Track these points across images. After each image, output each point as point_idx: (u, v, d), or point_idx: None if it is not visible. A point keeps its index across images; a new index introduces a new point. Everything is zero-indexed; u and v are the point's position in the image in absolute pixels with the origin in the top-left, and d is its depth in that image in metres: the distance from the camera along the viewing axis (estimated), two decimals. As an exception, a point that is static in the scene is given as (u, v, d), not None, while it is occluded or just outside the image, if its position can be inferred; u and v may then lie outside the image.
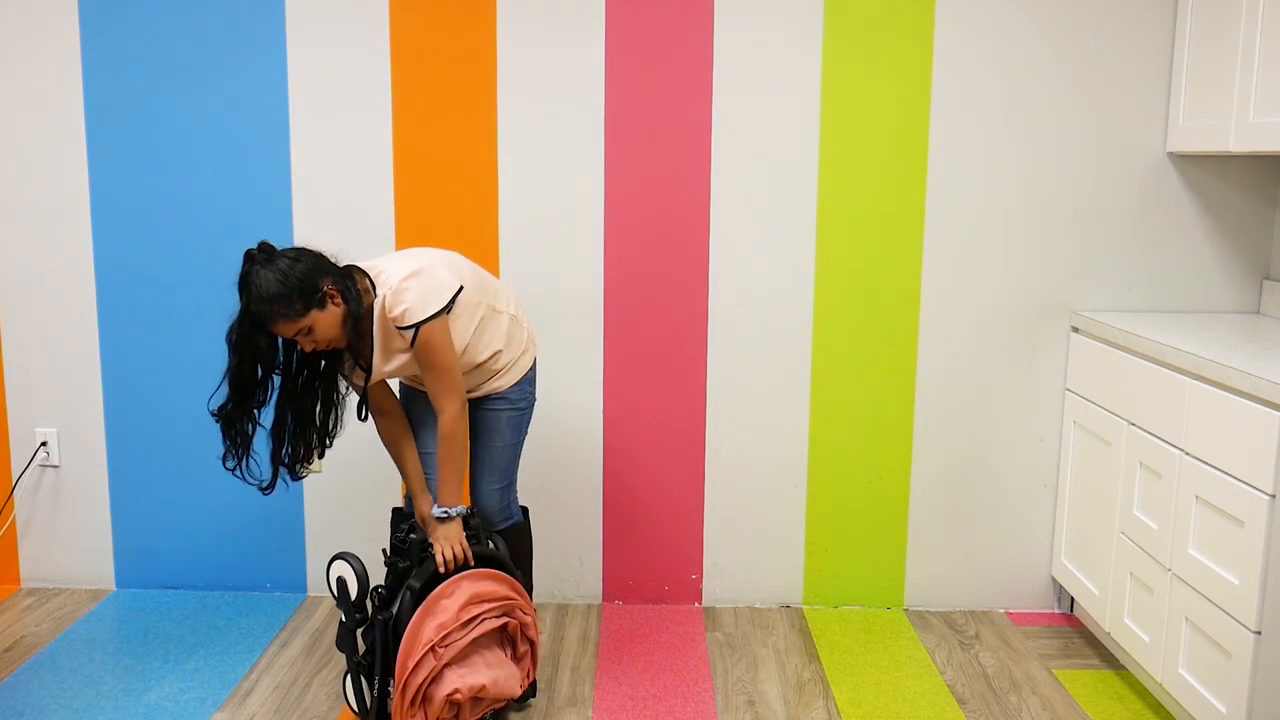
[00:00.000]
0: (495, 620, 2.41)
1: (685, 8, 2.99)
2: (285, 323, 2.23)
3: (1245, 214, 3.04)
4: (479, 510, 2.60)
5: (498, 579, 2.44)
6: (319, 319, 2.25)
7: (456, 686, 2.32)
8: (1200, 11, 2.85)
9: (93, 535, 3.27)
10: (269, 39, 3.03)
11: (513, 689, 2.42)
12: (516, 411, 2.59)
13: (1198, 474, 2.38)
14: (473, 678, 2.35)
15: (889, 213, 3.06)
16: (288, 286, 2.20)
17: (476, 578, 2.41)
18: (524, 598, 2.49)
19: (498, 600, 2.42)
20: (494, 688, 2.38)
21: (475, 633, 2.36)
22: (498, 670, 2.40)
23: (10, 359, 3.21)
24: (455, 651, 2.33)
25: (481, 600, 2.39)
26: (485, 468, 2.59)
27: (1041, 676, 2.82)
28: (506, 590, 2.45)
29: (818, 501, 3.19)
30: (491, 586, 2.42)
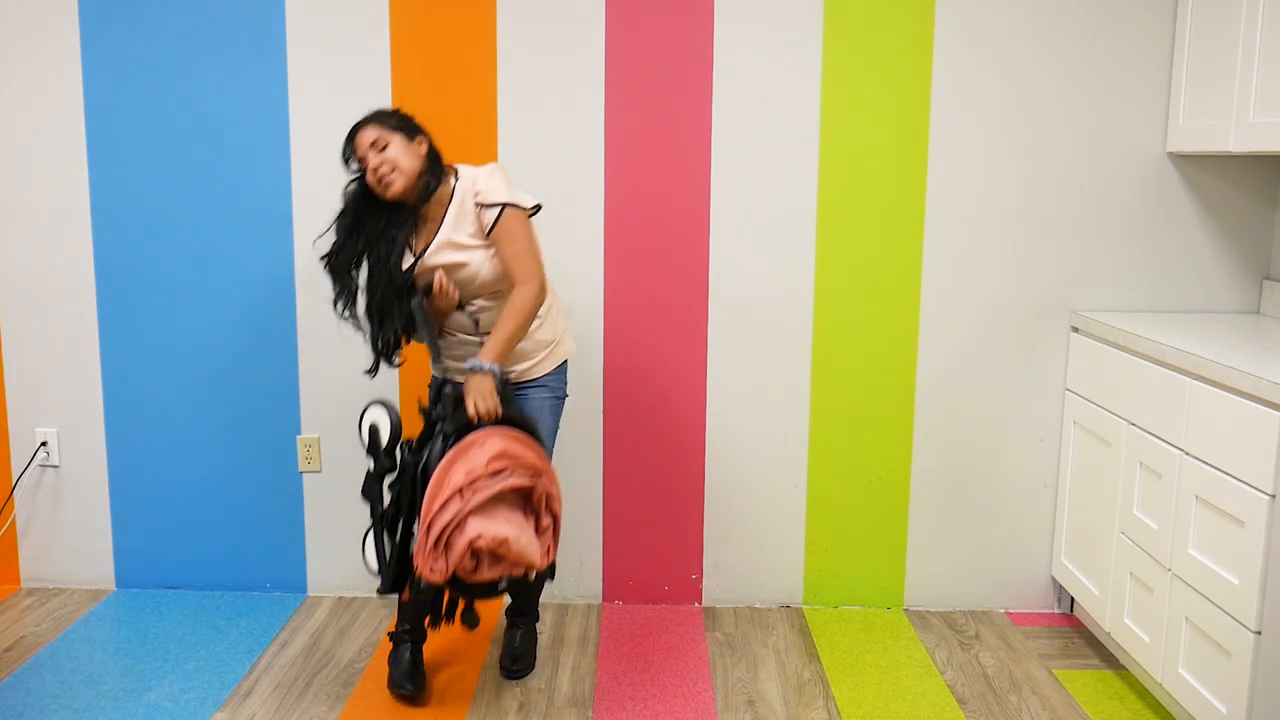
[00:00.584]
0: (522, 480, 2.35)
1: (685, 8, 2.99)
2: (374, 126, 2.45)
3: (1245, 214, 3.04)
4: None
5: (526, 443, 2.40)
6: (402, 144, 2.45)
7: (480, 532, 2.26)
8: (1200, 11, 2.85)
9: (93, 535, 3.27)
10: (269, 39, 3.03)
11: (533, 556, 2.34)
12: (556, 399, 2.67)
13: (1198, 474, 2.38)
14: (496, 529, 2.29)
15: (889, 212, 3.06)
16: (392, 110, 2.51)
17: (508, 435, 2.38)
18: (550, 471, 2.44)
19: (526, 464, 2.37)
20: (515, 545, 2.30)
21: (502, 485, 2.31)
22: (521, 532, 2.33)
23: (10, 359, 3.21)
24: (481, 500, 2.29)
25: (510, 457, 2.35)
26: None
27: (1041, 676, 2.82)
28: (534, 458, 2.39)
29: (818, 501, 3.20)
30: (521, 449, 2.38)
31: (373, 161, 2.44)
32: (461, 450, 2.33)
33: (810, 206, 3.06)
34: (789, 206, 3.06)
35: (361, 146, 2.46)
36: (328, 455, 3.20)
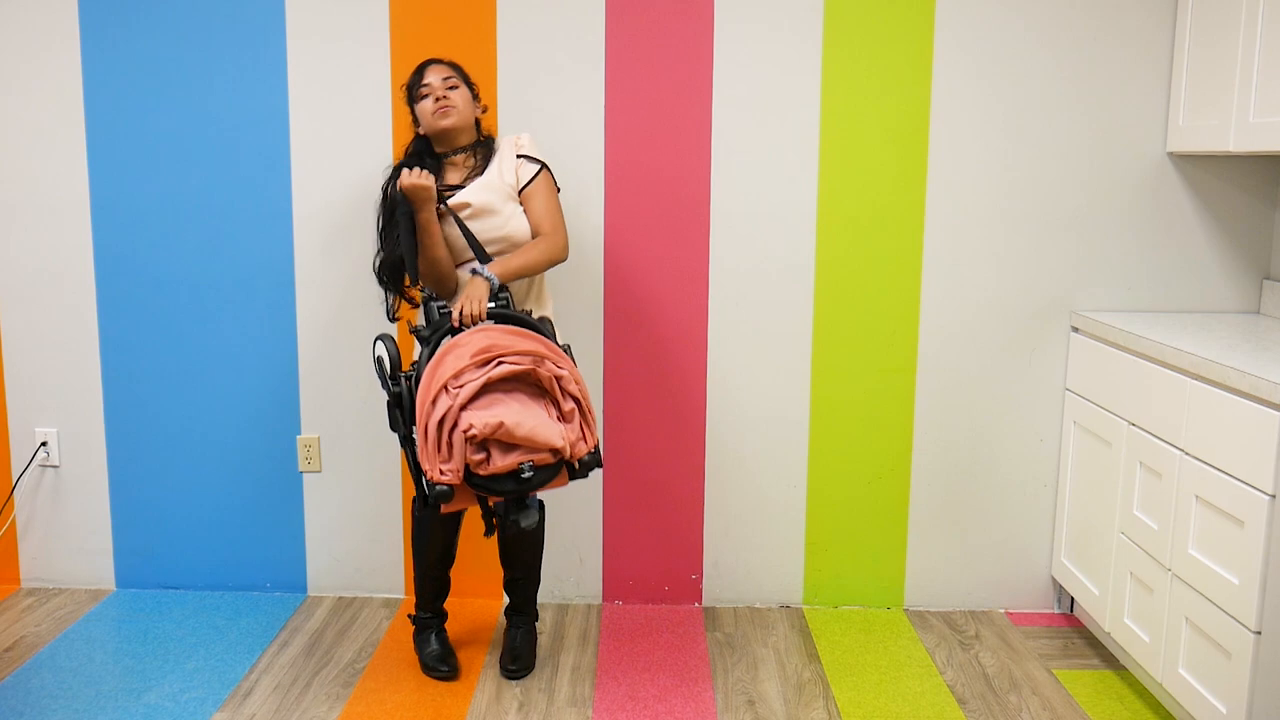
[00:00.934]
0: (515, 366, 2.31)
1: (685, 9, 2.99)
2: (450, 67, 2.65)
3: (1245, 214, 3.04)
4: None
5: (521, 334, 2.38)
6: (467, 95, 2.65)
7: (471, 423, 2.26)
8: (1200, 12, 2.85)
9: (93, 535, 3.27)
10: (269, 39, 3.03)
11: (549, 436, 2.30)
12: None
13: (1198, 474, 2.38)
14: (489, 415, 2.27)
15: (889, 213, 3.06)
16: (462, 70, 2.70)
17: (495, 330, 2.38)
18: (557, 354, 2.39)
19: (519, 351, 2.34)
20: (517, 429, 2.26)
21: (491, 374, 2.29)
22: (526, 416, 2.29)
23: (10, 359, 3.21)
24: (470, 392, 2.28)
25: (499, 348, 2.34)
26: None
27: (1041, 676, 2.82)
28: (530, 345, 2.36)
29: (818, 501, 3.20)
30: (512, 340, 2.36)
31: (439, 90, 2.61)
32: (446, 351, 2.35)
33: (810, 206, 3.06)
34: (789, 206, 3.06)
35: (434, 76, 2.62)
36: (328, 455, 3.20)
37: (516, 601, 2.88)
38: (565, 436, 2.34)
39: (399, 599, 3.25)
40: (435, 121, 2.61)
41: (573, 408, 2.37)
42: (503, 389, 2.33)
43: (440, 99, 2.60)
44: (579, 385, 2.39)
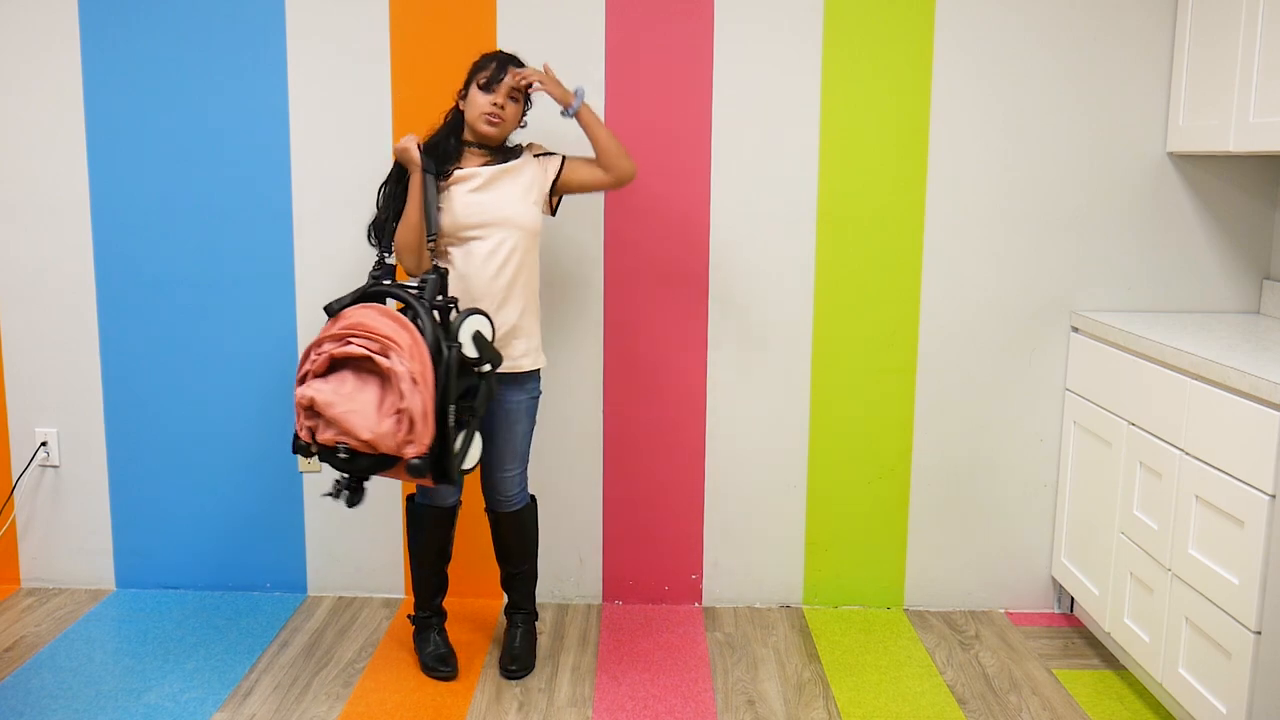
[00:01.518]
0: (359, 349, 2.32)
1: (685, 9, 2.99)
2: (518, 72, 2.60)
3: (1245, 214, 3.04)
4: (499, 492, 2.72)
5: (396, 320, 2.35)
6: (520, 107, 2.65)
7: (303, 391, 2.35)
8: (1200, 12, 2.85)
9: (93, 535, 3.27)
10: (269, 39, 3.02)
11: (354, 426, 2.29)
12: (532, 400, 2.76)
13: (1198, 474, 2.38)
14: (311, 389, 2.33)
15: (889, 213, 3.06)
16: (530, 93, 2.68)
17: (374, 310, 2.39)
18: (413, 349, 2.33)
19: (376, 334, 2.33)
20: (327, 408, 2.30)
21: (339, 350, 2.33)
22: (344, 399, 2.31)
23: (10, 359, 3.21)
24: (321, 363, 2.35)
25: (364, 328, 2.34)
26: (508, 456, 2.72)
27: (1041, 676, 2.82)
28: (391, 329, 2.33)
29: (818, 501, 3.20)
30: (379, 322, 2.34)
31: (501, 97, 2.59)
32: (335, 319, 2.41)
33: (810, 206, 3.06)
34: (789, 206, 3.06)
35: (508, 82, 2.59)
36: (328, 455, 3.20)
37: (514, 598, 2.89)
38: (377, 430, 2.30)
39: (399, 599, 3.25)
40: (478, 123, 2.59)
41: (405, 411, 2.32)
42: (355, 368, 2.36)
43: (497, 106, 2.58)
44: (416, 387, 2.31)
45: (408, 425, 2.31)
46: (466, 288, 2.57)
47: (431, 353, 2.35)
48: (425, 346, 2.34)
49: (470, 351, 2.41)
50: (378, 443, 2.31)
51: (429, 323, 2.39)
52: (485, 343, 2.45)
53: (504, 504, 2.76)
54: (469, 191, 2.58)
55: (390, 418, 2.31)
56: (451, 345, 2.38)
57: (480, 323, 2.45)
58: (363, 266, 3.09)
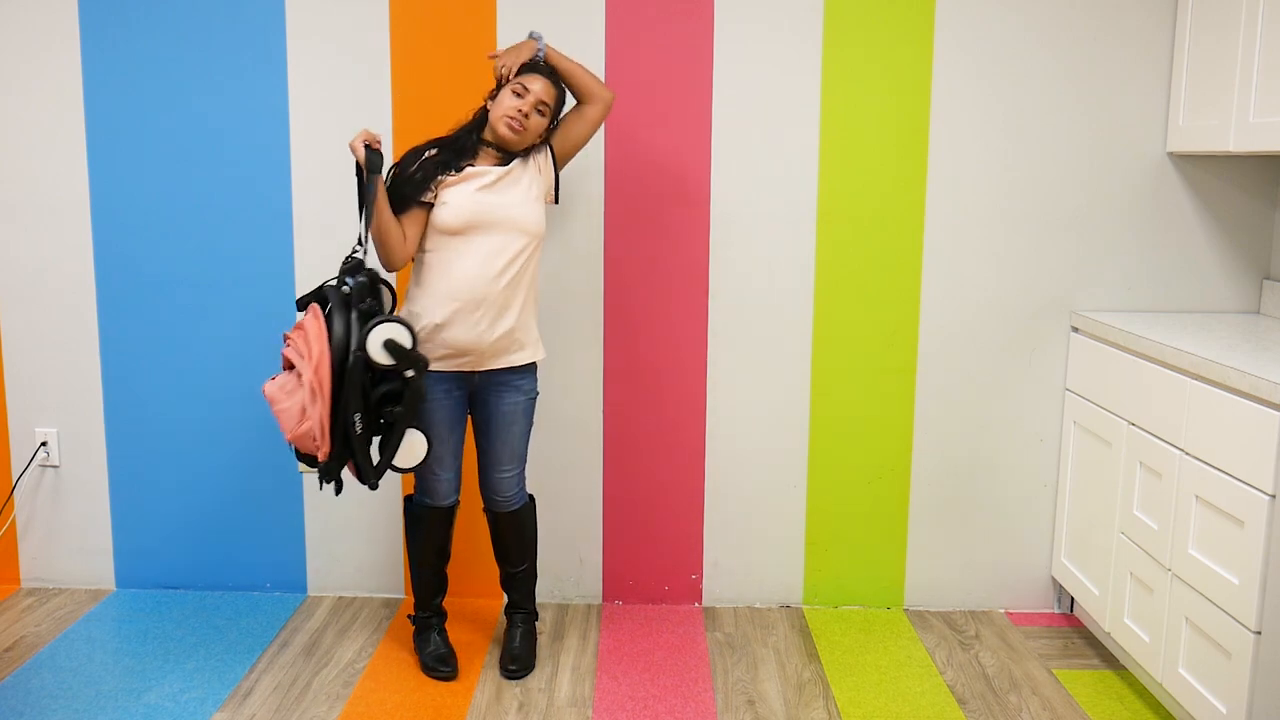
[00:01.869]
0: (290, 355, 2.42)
1: (685, 9, 2.99)
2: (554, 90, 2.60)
3: (1245, 214, 3.04)
4: (497, 492, 2.73)
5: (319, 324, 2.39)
6: (545, 121, 2.62)
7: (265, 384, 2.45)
8: (1200, 12, 2.85)
9: (93, 535, 3.27)
10: (269, 39, 3.02)
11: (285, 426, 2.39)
12: (529, 400, 2.74)
13: (1198, 474, 2.38)
14: (271, 383, 2.43)
15: (889, 212, 3.06)
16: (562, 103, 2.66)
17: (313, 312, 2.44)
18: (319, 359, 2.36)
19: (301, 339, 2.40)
20: (272, 404, 2.41)
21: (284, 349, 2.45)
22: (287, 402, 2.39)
23: (10, 359, 3.21)
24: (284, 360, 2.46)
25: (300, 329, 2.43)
26: (505, 456, 2.73)
27: (1041, 676, 2.82)
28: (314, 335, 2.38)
29: (818, 501, 3.20)
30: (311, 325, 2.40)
31: (529, 106, 2.56)
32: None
33: (810, 206, 3.06)
34: (789, 206, 3.06)
35: (535, 91, 2.57)
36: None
37: (514, 598, 2.89)
38: (297, 431, 2.38)
39: (399, 599, 3.25)
40: (499, 124, 2.58)
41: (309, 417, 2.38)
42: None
43: (523, 114, 2.56)
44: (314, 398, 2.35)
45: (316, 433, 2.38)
46: (469, 289, 2.55)
47: (338, 360, 2.37)
48: (328, 356, 2.36)
49: (381, 359, 2.39)
50: (298, 444, 2.42)
51: (341, 330, 2.39)
52: (401, 350, 2.41)
53: (502, 504, 2.77)
54: (477, 189, 2.57)
55: (308, 422, 2.39)
56: (354, 355, 2.37)
57: (393, 330, 2.41)
58: (363, 266, 3.10)
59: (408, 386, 2.44)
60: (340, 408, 2.37)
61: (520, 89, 2.57)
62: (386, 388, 2.43)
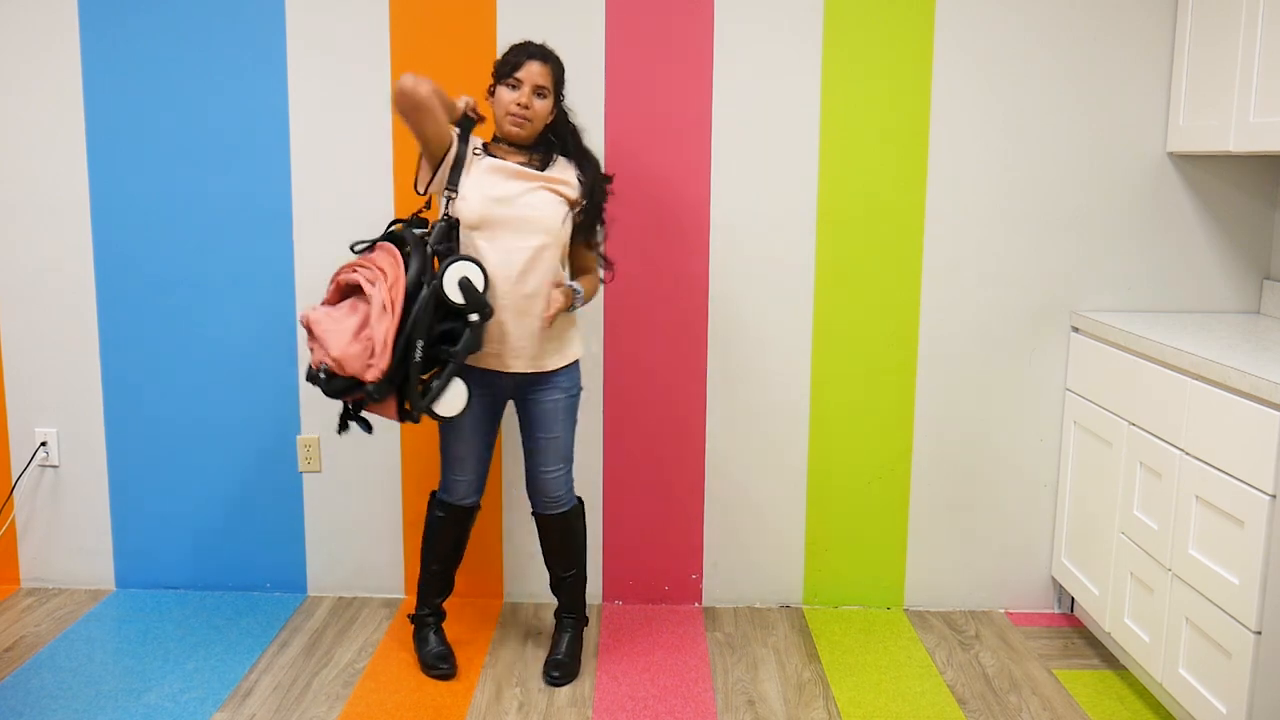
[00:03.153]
0: (356, 276, 2.45)
1: (685, 8, 2.99)
2: (550, 72, 2.57)
3: (1245, 214, 3.04)
4: (544, 494, 2.72)
5: (393, 256, 2.44)
6: (551, 104, 2.59)
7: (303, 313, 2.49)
8: (1200, 12, 2.85)
9: (93, 535, 3.27)
10: (268, 39, 3.02)
11: (329, 345, 2.38)
12: (570, 399, 2.71)
13: (1198, 474, 2.38)
14: (311, 310, 2.47)
15: (889, 213, 3.06)
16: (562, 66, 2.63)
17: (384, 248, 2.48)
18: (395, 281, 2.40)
19: (374, 266, 2.44)
20: (315, 325, 2.42)
21: (344, 276, 2.49)
22: (334, 324, 2.42)
23: (10, 359, 3.21)
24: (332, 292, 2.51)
25: (368, 260, 2.47)
26: (550, 455, 2.71)
27: (1041, 676, 2.82)
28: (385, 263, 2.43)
29: (818, 501, 3.20)
30: (382, 258, 2.45)
31: (526, 95, 2.54)
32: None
33: (810, 206, 3.06)
34: (789, 206, 3.06)
35: (530, 76, 2.54)
36: (328, 455, 3.20)
37: (563, 601, 2.86)
38: (346, 350, 2.37)
39: (399, 599, 3.25)
40: (505, 124, 2.56)
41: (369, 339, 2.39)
42: (358, 297, 2.48)
43: (521, 106, 2.53)
44: (384, 314, 2.37)
45: (371, 349, 2.37)
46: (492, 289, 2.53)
47: (411, 289, 2.40)
48: (404, 280, 2.40)
49: (454, 295, 2.42)
50: (344, 362, 2.38)
51: (416, 259, 2.43)
52: (473, 290, 2.44)
53: (550, 505, 2.74)
54: (506, 179, 2.54)
55: (362, 341, 2.39)
56: (430, 283, 2.41)
57: (469, 269, 2.44)
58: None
59: (469, 328, 2.45)
60: (404, 333, 2.39)
61: (514, 81, 2.55)
62: (448, 326, 2.45)
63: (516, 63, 2.55)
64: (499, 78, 2.58)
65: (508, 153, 2.62)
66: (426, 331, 2.41)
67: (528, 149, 2.62)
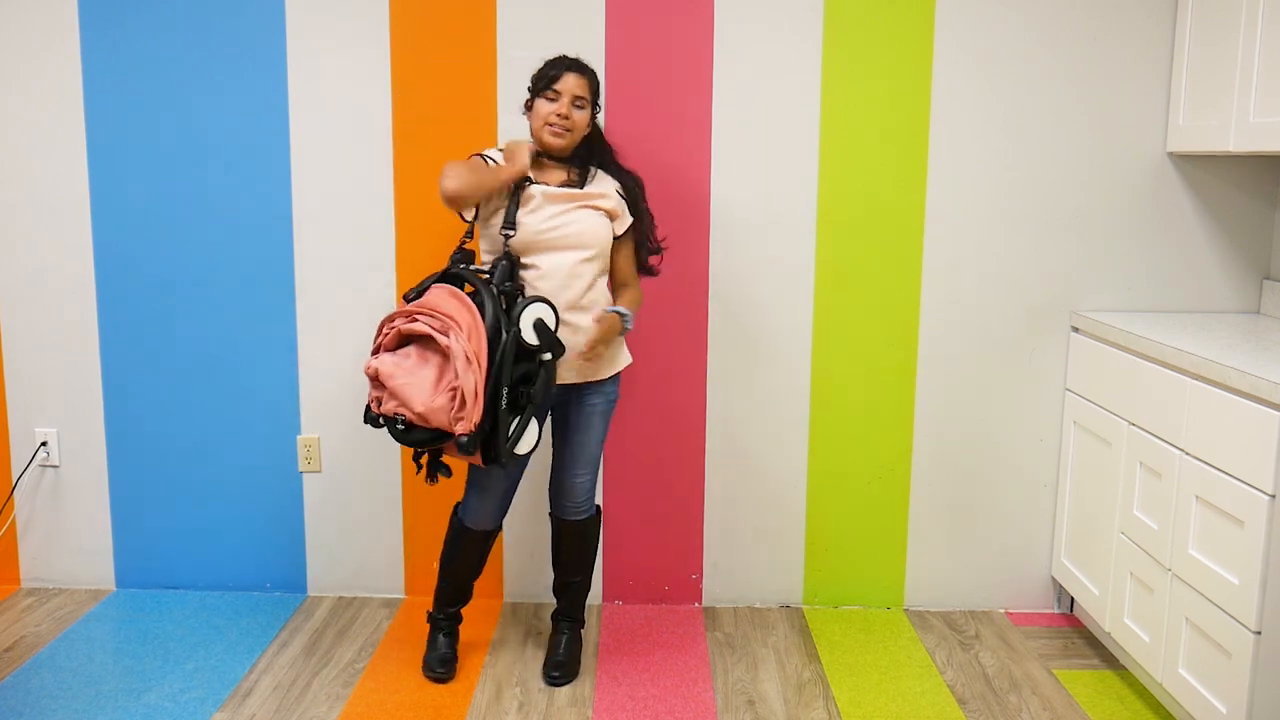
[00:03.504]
0: (424, 327, 2.40)
1: (685, 8, 2.99)
2: (587, 82, 2.57)
3: (1245, 214, 3.04)
4: (569, 498, 2.72)
5: (461, 301, 2.42)
6: (589, 115, 2.60)
7: (369, 362, 2.46)
8: (1200, 12, 2.85)
9: (93, 535, 3.27)
10: (269, 38, 3.02)
11: (409, 398, 2.37)
12: (609, 404, 2.72)
13: (1198, 474, 2.38)
14: (377, 361, 2.44)
15: (889, 213, 3.06)
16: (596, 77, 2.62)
17: (445, 291, 2.46)
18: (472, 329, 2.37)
19: (440, 314, 2.40)
20: (389, 379, 2.40)
21: (405, 326, 2.44)
22: (409, 377, 2.39)
23: (10, 359, 3.21)
24: (392, 338, 2.46)
25: (430, 308, 2.42)
26: (581, 461, 2.71)
27: (1041, 676, 2.82)
28: (454, 309, 2.40)
29: (818, 501, 3.20)
30: (446, 303, 2.42)
31: (565, 107, 2.54)
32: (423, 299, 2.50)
33: (810, 206, 3.06)
34: (789, 206, 3.06)
35: (568, 88, 2.54)
36: (328, 455, 3.20)
37: (563, 605, 2.86)
38: (430, 404, 2.36)
39: (399, 599, 3.25)
40: (544, 135, 2.56)
41: (455, 389, 2.36)
42: (422, 345, 2.45)
43: (561, 117, 2.54)
44: (470, 366, 2.35)
45: (459, 402, 2.35)
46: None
47: (490, 335, 2.39)
48: (484, 328, 2.38)
49: (530, 338, 2.43)
50: (430, 416, 2.37)
51: (490, 306, 2.42)
52: (546, 331, 2.45)
53: (571, 510, 2.73)
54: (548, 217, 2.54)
55: (445, 394, 2.36)
56: (510, 329, 2.41)
57: (542, 310, 2.45)
58: (362, 266, 3.10)
59: (543, 368, 2.46)
60: (491, 381, 2.38)
61: (552, 94, 2.54)
62: (523, 368, 2.45)
63: (554, 75, 2.55)
64: (536, 91, 2.58)
65: (547, 167, 2.61)
66: (510, 377, 2.41)
67: (566, 161, 2.62)
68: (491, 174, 2.51)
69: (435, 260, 3.06)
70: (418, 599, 3.23)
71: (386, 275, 3.10)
